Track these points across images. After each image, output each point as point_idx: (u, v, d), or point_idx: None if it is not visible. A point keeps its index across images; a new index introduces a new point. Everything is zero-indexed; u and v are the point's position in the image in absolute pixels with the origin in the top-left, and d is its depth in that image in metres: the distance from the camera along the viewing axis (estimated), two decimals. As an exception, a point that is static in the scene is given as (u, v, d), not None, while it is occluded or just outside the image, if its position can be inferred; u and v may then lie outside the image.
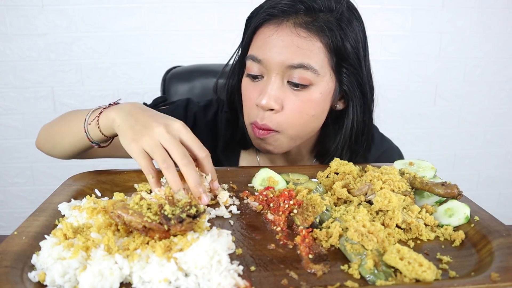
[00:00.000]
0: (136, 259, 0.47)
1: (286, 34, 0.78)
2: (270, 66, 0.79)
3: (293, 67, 0.77)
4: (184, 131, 0.67)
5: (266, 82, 0.81)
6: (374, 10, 2.08)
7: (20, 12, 1.94)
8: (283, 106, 0.80)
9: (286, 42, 0.78)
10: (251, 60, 0.82)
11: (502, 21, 2.17)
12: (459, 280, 0.47)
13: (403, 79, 2.22)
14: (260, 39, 0.82)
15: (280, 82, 0.80)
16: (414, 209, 0.62)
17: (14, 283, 0.44)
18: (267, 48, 0.79)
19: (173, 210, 0.51)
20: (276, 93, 0.79)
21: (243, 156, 1.02)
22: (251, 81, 0.84)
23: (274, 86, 0.79)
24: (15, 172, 2.19)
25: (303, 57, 0.77)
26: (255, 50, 0.82)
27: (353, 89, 0.85)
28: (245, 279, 0.46)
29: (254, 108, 0.83)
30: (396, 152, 1.06)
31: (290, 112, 0.80)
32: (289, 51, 0.77)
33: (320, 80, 0.80)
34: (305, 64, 0.77)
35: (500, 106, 2.33)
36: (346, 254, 0.52)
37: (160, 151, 0.63)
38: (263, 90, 0.80)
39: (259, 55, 0.80)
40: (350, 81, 0.84)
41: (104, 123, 0.73)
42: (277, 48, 0.78)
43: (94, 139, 0.76)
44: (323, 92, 0.81)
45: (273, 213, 0.63)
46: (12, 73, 2.02)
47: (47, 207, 0.62)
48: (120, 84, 2.09)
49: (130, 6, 1.98)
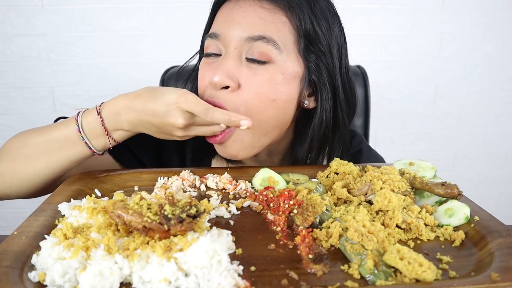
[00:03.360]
0: (136, 259, 0.47)
1: (249, 4, 0.73)
2: (228, 41, 0.73)
3: (253, 39, 0.71)
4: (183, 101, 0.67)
5: (222, 58, 0.74)
6: (374, 10, 2.08)
7: (20, 12, 1.94)
8: (240, 84, 0.72)
9: (247, 13, 0.72)
10: (209, 38, 0.76)
11: (502, 21, 2.17)
12: (459, 280, 0.47)
13: (403, 79, 2.22)
14: (221, 15, 0.77)
15: (237, 57, 0.73)
16: (414, 209, 0.62)
17: (14, 283, 0.44)
18: (226, 21, 0.74)
19: (173, 210, 0.51)
20: (232, 69, 0.72)
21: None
22: (207, 60, 0.77)
23: (229, 61, 0.72)
24: (15, 172, 2.20)
25: (264, 29, 0.71)
26: (214, 27, 0.77)
27: (322, 80, 0.77)
28: (245, 279, 0.46)
29: (207, 89, 0.75)
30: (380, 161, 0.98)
31: (247, 92, 0.72)
32: (250, 21, 0.72)
33: (283, 60, 0.73)
34: (266, 37, 0.71)
35: (500, 106, 2.33)
36: (346, 254, 0.52)
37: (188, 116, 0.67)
38: (217, 66, 0.73)
39: (217, 30, 0.75)
40: (318, 70, 0.76)
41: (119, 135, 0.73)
42: (237, 19, 0.72)
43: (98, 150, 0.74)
44: (285, 74, 0.73)
45: (273, 213, 0.63)
46: (12, 73, 2.02)
47: (47, 207, 0.62)
48: (120, 84, 2.09)
49: (130, 6, 1.98)
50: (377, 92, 2.21)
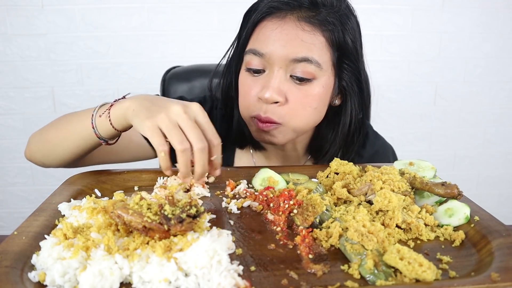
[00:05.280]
0: (136, 259, 0.47)
1: (291, 27, 0.78)
2: (273, 60, 0.79)
3: (297, 60, 0.78)
4: (202, 114, 0.65)
5: (268, 75, 0.81)
6: (374, 10, 2.08)
7: (20, 12, 1.94)
8: (287, 99, 0.80)
9: (290, 36, 0.78)
10: (252, 54, 0.82)
11: (502, 21, 2.17)
12: (459, 280, 0.47)
13: (403, 79, 2.22)
14: (263, 33, 0.81)
15: (283, 75, 0.80)
16: (414, 209, 0.62)
17: (14, 283, 0.44)
18: (270, 42, 0.79)
19: (173, 210, 0.51)
20: (280, 86, 0.79)
21: (238, 156, 1.01)
22: (251, 75, 0.83)
23: (277, 79, 0.79)
24: (15, 172, 2.19)
25: (307, 51, 0.78)
26: (256, 44, 0.82)
27: (351, 85, 0.86)
28: (245, 279, 0.46)
29: (256, 102, 0.82)
30: (389, 150, 1.06)
31: (294, 105, 0.81)
32: (293, 44, 0.78)
33: (323, 74, 0.81)
34: (309, 58, 0.78)
35: (500, 106, 2.33)
36: (346, 254, 0.52)
37: (177, 131, 0.61)
38: (266, 83, 0.80)
39: (262, 48, 0.80)
40: (349, 77, 0.85)
41: (116, 114, 0.70)
42: (281, 41, 0.78)
43: (102, 135, 0.74)
44: (325, 86, 0.82)
45: (273, 213, 0.63)
46: (12, 73, 2.02)
47: (47, 207, 0.62)
48: (120, 84, 2.08)
49: (130, 6, 1.98)
50: (377, 92, 2.21)
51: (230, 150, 1.00)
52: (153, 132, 0.61)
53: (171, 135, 0.61)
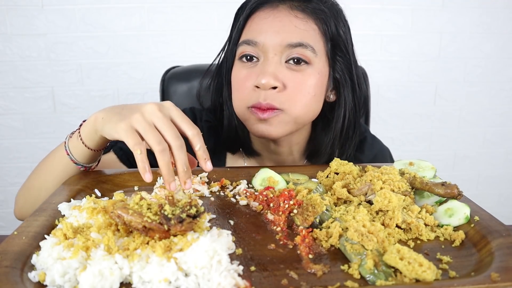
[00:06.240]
0: (136, 259, 0.47)
1: (284, 15, 0.79)
2: (267, 48, 0.79)
3: (292, 45, 0.78)
4: (175, 109, 0.62)
5: (263, 63, 0.80)
6: (374, 10, 2.08)
7: (20, 12, 1.94)
8: (285, 85, 0.79)
9: (284, 22, 0.79)
10: (245, 45, 0.81)
11: (502, 21, 2.17)
12: (459, 280, 0.47)
13: (403, 79, 2.22)
14: (255, 23, 0.82)
15: (278, 61, 0.79)
16: (414, 209, 0.62)
17: (14, 283, 0.44)
18: (263, 30, 0.79)
19: (173, 210, 0.51)
20: (276, 72, 0.78)
21: (229, 162, 0.99)
22: (245, 66, 0.82)
23: (272, 65, 0.79)
24: (15, 172, 2.19)
25: (301, 36, 0.78)
26: (249, 35, 0.81)
27: (344, 77, 0.86)
28: (245, 279, 0.46)
29: (252, 92, 0.80)
30: (387, 153, 1.06)
31: (292, 91, 0.80)
32: (287, 30, 0.78)
33: (318, 61, 0.81)
34: (304, 43, 0.78)
35: (500, 106, 2.33)
36: (346, 254, 0.52)
37: (153, 131, 0.58)
38: (262, 70, 0.79)
39: (255, 37, 0.80)
40: (342, 69, 0.85)
41: (86, 131, 0.68)
42: (275, 28, 0.79)
43: (78, 159, 0.72)
44: (320, 73, 0.82)
45: (273, 213, 0.63)
46: (12, 73, 2.02)
47: (47, 207, 0.62)
48: (120, 84, 2.08)
49: (130, 6, 1.98)
50: (377, 92, 2.21)
51: (221, 154, 0.99)
52: (127, 132, 0.58)
53: (148, 135, 0.58)
